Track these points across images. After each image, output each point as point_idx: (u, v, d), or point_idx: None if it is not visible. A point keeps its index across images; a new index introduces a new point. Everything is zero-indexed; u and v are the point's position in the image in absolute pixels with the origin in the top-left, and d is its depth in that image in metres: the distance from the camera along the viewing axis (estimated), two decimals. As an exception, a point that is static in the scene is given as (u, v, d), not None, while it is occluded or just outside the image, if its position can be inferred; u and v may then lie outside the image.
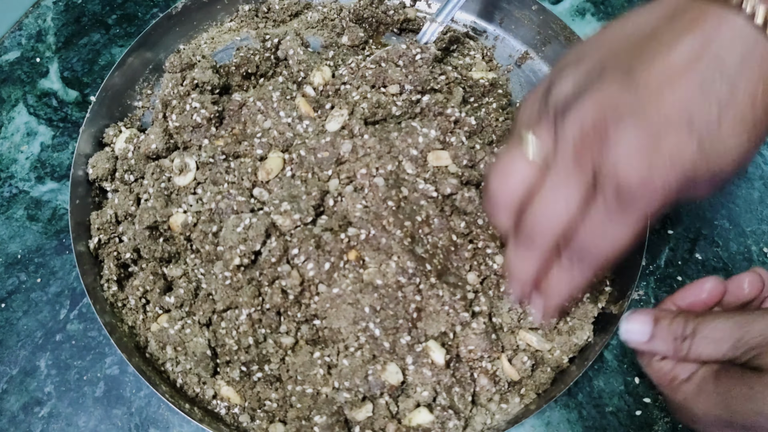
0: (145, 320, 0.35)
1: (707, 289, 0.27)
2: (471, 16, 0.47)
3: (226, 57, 0.45)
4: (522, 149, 0.23)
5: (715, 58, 0.20)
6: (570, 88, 0.21)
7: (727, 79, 0.19)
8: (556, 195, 0.21)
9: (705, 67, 0.20)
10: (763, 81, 0.20)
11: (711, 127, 0.20)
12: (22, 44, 0.47)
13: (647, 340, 0.26)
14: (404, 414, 0.32)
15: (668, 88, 0.20)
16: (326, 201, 0.36)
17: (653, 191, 0.20)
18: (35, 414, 0.36)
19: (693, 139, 0.20)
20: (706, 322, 0.25)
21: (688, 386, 0.25)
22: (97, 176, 0.38)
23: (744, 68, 0.20)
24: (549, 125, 0.22)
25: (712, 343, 0.24)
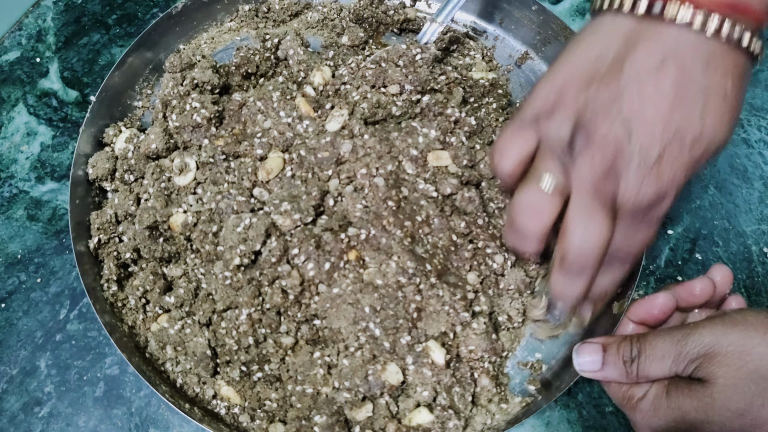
0: (145, 320, 0.35)
1: (658, 304, 0.29)
2: (471, 16, 0.47)
3: (226, 57, 0.45)
4: (537, 185, 0.26)
5: (683, 74, 0.23)
6: (567, 130, 0.25)
7: (698, 86, 0.23)
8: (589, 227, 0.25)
9: (678, 84, 0.23)
10: (729, 76, 0.23)
11: (697, 130, 0.23)
12: (22, 44, 0.47)
13: (600, 369, 0.28)
14: (404, 414, 0.32)
15: (651, 111, 0.23)
16: (326, 201, 0.36)
17: (666, 198, 0.25)
18: (35, 414, 0.36)
19: (685, 147, 0.23)
20: (647, 341, 0.26)
21: (644, 404, 0.27)
22: (97, 176, 0.38)
23: (709, 73, 0.23)
24: (557, 163, 0.26)
25: (655, 361, 0.26)
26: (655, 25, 0.23)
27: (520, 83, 0.45)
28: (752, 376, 0.24)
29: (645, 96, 0.23)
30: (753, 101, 0.47)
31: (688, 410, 0.25)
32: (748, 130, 0.45)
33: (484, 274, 0.35)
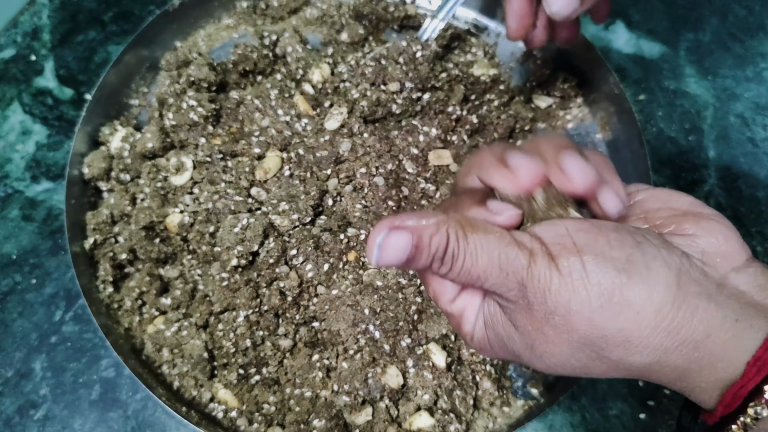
0: (141, 322, 0.35)
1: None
2: (472, 12, 0.46)
3: (223, 54, 0.44)
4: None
5: None
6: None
7: None
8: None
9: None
10: None
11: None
12: (17, 42, 0.47)
13: (409, 259, 0.20)
14: (404, 418, 0.32)
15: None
16: (325, 201, 0.35)
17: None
18: (30, 417, 0.35)
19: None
20: (470, 239, 0.19)
21: (477, 335, 0.22)
22: (93, 176, 0.38)
23: None
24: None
25: (478, 265, 0.19)
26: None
27: (522, 80, 0.44)
28: (578, 345, 0.19)
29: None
30: (758, 100, 0.46)
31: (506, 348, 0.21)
32: (753, 129, 0.45)
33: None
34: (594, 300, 0.18)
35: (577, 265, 0.18)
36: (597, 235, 0.19)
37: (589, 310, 0.18)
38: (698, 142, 0.44)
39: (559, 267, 0.18)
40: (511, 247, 0.19)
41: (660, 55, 0.47)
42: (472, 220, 0.20)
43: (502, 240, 0.19)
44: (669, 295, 0.18)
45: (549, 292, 0.18)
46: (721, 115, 0.45)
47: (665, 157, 0.43)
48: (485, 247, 0.19)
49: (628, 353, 0.19)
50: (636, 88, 0.46)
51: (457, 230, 0.20)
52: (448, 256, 0.20)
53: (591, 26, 0.48)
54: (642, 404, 0.36)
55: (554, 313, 0.19)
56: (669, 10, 0.50)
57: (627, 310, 0.18)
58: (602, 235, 0.19)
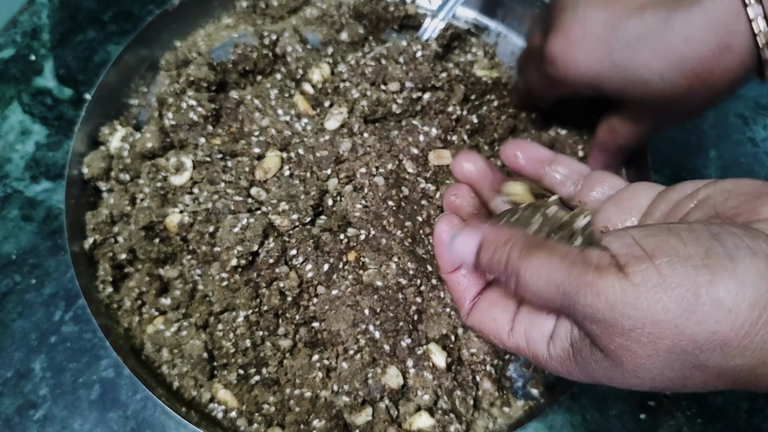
0: (140, 322, 0.35)
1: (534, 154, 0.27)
2: (473, 12, 0.46)
3: (223, 54, 0.44)
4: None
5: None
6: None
7: (655, 16, 0.25)
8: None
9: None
10: (708, 28, 0.23)
11: (623, 47, 0.25)
12: (16, 42, 0.47)
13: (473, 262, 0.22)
14: (405, 418, 0.32)
15: (592, 12, 0.26)
16: (325, 201, 0.35)
17: (570, 69, 0.28)
18: (30, 417, 0.35)
19: (605, 48, 0.26)
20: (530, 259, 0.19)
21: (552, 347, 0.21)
22: (93, 175, 0.38)
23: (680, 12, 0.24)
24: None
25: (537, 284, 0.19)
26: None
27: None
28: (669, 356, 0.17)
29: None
30: (759, 100, 0.46)
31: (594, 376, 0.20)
32: (754, 129, 0.45)
33: (486, 275, 0.35)
34: (676, 305, 0.16)
35: (650, 271, 0.17)
36: (667, 236, 0.17)
37: (673, 316, 0.16)
38: (699, 141, 0.44)
39: (630, 277, 0.17)
40: (573, 265, 0.18)
41: (660, 54, 0.47)
42: (542, 243, 0.20)
43: (564, 260, 0.18)
44: (763, 285, 0.16)
45: (623, 306, 0.17)
46: (721, 114, 0.45)
47: (666, 156, 0.43)
48: (546, 267, 0.19)
49: (727, 358, 0.17)
50: (636, 88, 0.46)
51: (522, 249, 0.20)
52: (510, 272, 0.20)
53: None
54: (642, 404, 0.36)
55: (634, 328, 0.17)
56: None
57: (717, 310, 0.16)
58: (673, 234, 0.17)
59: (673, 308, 0.16)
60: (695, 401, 0.35)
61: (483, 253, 0.21)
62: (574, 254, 0.19)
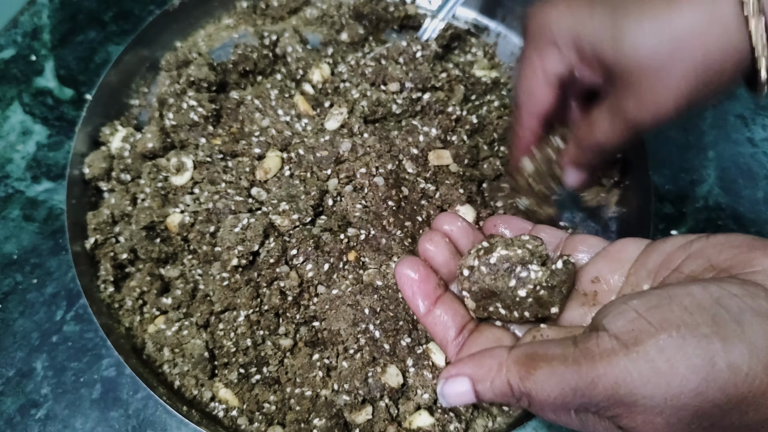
0: (142, 322, 0.35)
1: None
2: (473, 12, 0.46)
3: (223, 54, 0.44)
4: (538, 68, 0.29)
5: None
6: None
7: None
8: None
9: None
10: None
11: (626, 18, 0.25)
12: (17, 42, 0.47)
13: (477, 400, 0.21)
14: (404, 417, 0.32)
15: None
16: (325, 201, 0.35)
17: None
18: (32, 416, 0.35)
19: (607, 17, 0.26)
20: (532, 379, 0.19)
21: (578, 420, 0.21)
22: (94, 176, 0.38)
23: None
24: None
25: (549, 407, 0.19)
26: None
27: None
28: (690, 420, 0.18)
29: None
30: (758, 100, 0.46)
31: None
32: (753, 129, 0.45)
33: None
34: (694, 375, 0.17)
35: (661, 344, 0.17)
36: (670, 306, 0.17)
37: (694, 386, 0.17)
38: (698, 142, 0.44)
39: (642, 356, 0.17)
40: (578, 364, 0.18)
41: (659, 55, 0.47)
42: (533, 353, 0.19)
43: (567, 362, 0.18)
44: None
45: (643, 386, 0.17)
46: (720, 114, 0.45)
47: (665, 157, 0.43)
48: (553, 378, 0.18)
49: (741, 414, 0.17)
50: (635, 88, 0.46)
51: (519, 371, 0.19)
52: (518, 395, 0.19)
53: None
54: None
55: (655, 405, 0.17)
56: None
57: (735, 375, 0.17)
58: (675, 303, 0.17)
59: (692, 378, 0.17)
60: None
61: (482, 392, 0.20)
62: (573, 351, 0.18)
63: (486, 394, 0.20)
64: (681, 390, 0.17)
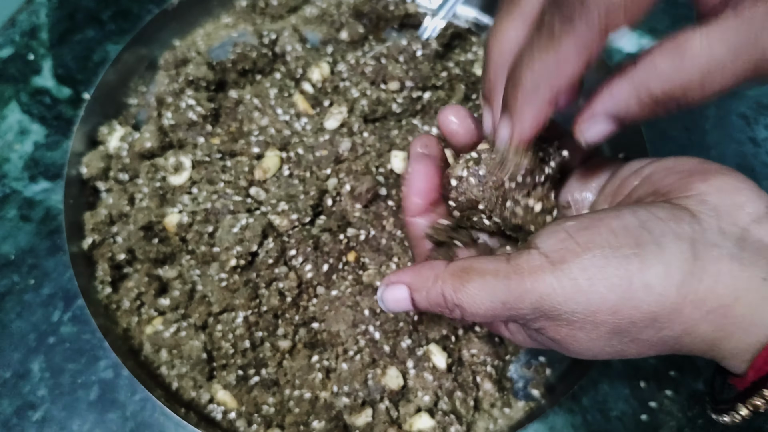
0: (139, 323, 0.34)
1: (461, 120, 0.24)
2: (473, 11, 0.46)
3: (222, 53, 0.44)
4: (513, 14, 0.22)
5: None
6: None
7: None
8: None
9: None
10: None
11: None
12: (15, 41, 0.47)
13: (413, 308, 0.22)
14: (405, 419, 0.31)
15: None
16: (325, 201, 0.35)
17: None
18: (28, 418, 0.35)
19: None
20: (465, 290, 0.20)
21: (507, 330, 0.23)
22: (91, 175, 0.38)
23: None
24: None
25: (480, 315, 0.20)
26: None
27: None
28: (608, 336, 0.19)
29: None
30: (761, 99, 0.46)
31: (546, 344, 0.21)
32: (755, 129, 0.45)
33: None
34: (612, 293, 0.18)
35: (584, 264, 0.18)
36: (599, 228, 0.19)
37: (611, 303, 0.18)
38: (700, 141, 0.44)
39: (566, 273, 0.18)
40: (508, 278, 0.19)
41: (661, 53, 0.47)
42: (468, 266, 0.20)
43: (497, 276, 0.19)
44: (686, 267, 0.17)
45: (565, 302, 0.18)
46: (722, 114, 0.45)
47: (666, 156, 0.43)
48: (484, 290, 0.19)
49: (656, 330, 0.18)
50: (637, 87, 0.46)
51: (453, 282, 0.20)
52: (451, 306, 0.20)
53: (592, 25, 0.48)
54: (643, 405, 0.35)
55: (577, 320, 0.18)
56: (671, 9, 0.49)
57: (649, 294, 0.18)
58: (604, 226, 0.19)
59: (610, 297, 0.18)
60: (696, 402, 0.35)
61: (418, 300, 0.21)
62: (505, 266, 0.19)
63: (421, 302, 0.21)
64: (599, 307, 0.18)
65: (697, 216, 0.18)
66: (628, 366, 0.37)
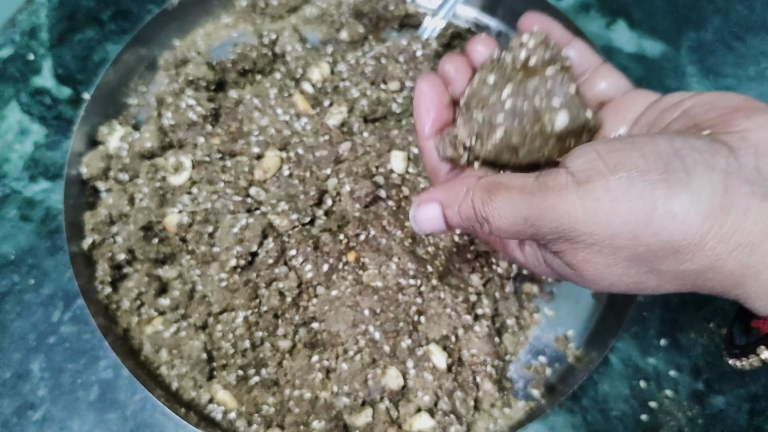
0: (139, 323, 0.34)
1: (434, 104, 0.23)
2: (473, 11, 0.46)
3: (222, 53, 0.44)
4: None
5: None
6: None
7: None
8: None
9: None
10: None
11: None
12: (15, 41, 0.47)
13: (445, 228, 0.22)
14: (405, 419, 0.31)
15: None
16: (324, 200, 0.35)
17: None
18: (28, 418, 0.35)
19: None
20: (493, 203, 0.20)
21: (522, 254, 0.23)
22: (91, 175, 0.38)
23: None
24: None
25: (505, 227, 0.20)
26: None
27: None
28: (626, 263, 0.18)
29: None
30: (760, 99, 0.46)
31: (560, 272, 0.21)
32: (755, 128, 0.45)
33: (487, 276, 0.34)
34: (633, 217, 0.17)
35: (609, 185, 0.17)
36: (630, 151, 0.18)
37: (632, 228, 0.17)
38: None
39: (590, 193, 0.17)
40: (532, 194, 0.19)
41: (662, 54, 0.47)
42: (498, 181, 0.20)
43: (523, 192, 0.19)
44: (716, 199, 0.17)
45: (585, 222, 0.18)
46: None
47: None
48: (509, 204, 0.19)
49: (678, 263, 0.18)
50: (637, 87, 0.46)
51: (482, 195, 0.20)
52: (480, 220, 0.20)
53: (593, 25, 0.48)
54: (643, 405, 0.35)
55: (595, 242, 0.18)
56: (671, 9, 0.49)
57: (671, 222, 0.17)
58: (636, 149, 0.18)
59: (631, 220, 0.17)
60: (696, 402, 0.35)
61: (450, 216, 0.21)
62: (531, 183, 0.19)
63: (454, 219, 0.21)
64: (619, 231, 0.17)
65: (736, 151, 0.17)
66: (628, 366, 0.37)
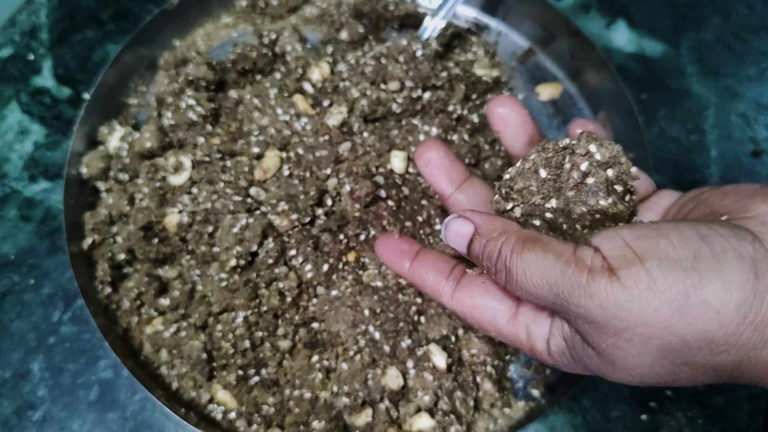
0: (139, 323, 0.34)
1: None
2: (473, 11, 0.46)
3: (222, 53, 0.44)
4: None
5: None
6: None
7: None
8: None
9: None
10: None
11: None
12: (15, 41, 0.47)
13: (467, 252, 0.22)
14: (405, 419, 0.31)
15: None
16: (324, 200, 0.35)
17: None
18: (28, 418, 0.35)
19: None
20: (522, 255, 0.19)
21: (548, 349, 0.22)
22: (91, 175, 0.38)
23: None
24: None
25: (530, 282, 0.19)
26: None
27: (523, 80, 0.44)
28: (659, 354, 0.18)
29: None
30: (760, 99, 0.46)
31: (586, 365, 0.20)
32: (755, 129, 0.45)
33: (487, 275, 0.34)
34: (666, 307, 0.17)
35: (640, 274, 0.17)
36: (657, 239, 0.18)
37: (664, 317, 0.17)
38: (700, 141, 0.44)
39: (621, 280, 0.17)
40: (568, 265, 0.18)
41: (662, 54, 0.47)
42: (537, 237, 0.19)
43: (558, 259, 0.18)
44: (748, 287, 0.17)
45: (615, 308, 0.17)
46: (723, 114, 0.45)
47: (667, 156, 0.43)
48: (540, 264, 0.19)
49: (714, 354, 0.17)
50: (637, 88, 0.46)
51: (516, 244, 0.19)
52: (500, 266, 0.20)
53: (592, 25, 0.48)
54: (643, 405, 0.35)
55: (626, 329, 0.17)
56: (671, 9, 0.49)
57: (705, 311, 0.17)
58: (662, 237, 0.18)
59: (664, 310, 0.17)
60: (696, 402, 0.35)
61: (475, 244, 0.21)
62: (569, 253, 0.19)
63: (476, 249, 0.21)
64: (652, 320, 0.17)
65: (759, 237, 0.17)
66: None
